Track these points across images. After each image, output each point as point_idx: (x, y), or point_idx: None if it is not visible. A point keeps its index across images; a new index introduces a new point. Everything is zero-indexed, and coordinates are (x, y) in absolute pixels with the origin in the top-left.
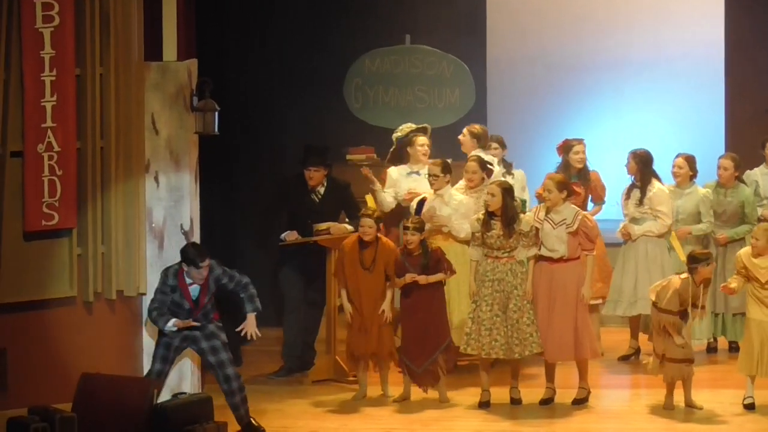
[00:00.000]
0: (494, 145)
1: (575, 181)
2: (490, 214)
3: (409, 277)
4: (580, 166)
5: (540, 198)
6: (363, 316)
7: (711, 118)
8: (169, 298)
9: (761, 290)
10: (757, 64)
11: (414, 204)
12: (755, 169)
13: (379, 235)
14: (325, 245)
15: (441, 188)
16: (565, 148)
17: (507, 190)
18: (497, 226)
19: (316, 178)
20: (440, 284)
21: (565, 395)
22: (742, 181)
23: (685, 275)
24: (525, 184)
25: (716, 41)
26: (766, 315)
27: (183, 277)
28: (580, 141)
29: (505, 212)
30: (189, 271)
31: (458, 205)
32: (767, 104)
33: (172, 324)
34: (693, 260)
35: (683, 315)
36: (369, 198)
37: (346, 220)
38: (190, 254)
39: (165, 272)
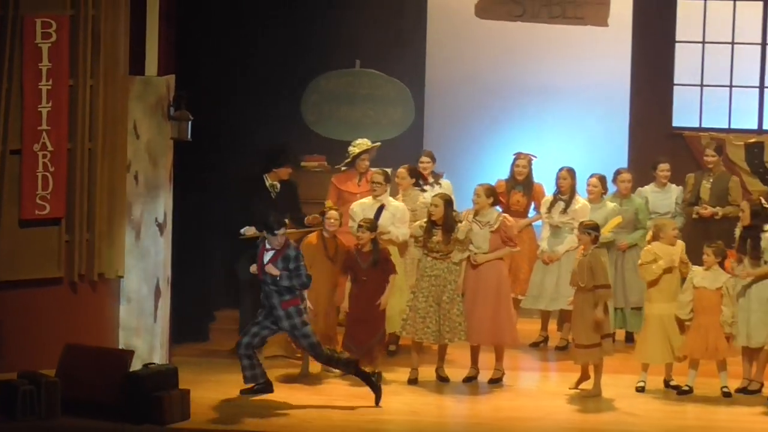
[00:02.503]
0: (426, 159)
1: (519, 190)
2: (432, 223)
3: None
4: (520, 178)
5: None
6: (318, 301)
7: (616, 141)
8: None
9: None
10: (657, 94)
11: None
12: (646, 186)
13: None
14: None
15: (381, 195)
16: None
17: (448, 202)
18: (438, 233)
19: (284, 174)
20: (385, 281)
21: (486, 375)
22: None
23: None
24: (451, 192)
25: (623, 73)
26: (663, 308)
27: (264, 244)
28: (523, 156)
29: (445, 221)
30: (268, 237)
31: (395, 210)
32: (665, 130)
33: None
34: (594, 229)
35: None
36: (328, 202)
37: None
38: (269, 222)
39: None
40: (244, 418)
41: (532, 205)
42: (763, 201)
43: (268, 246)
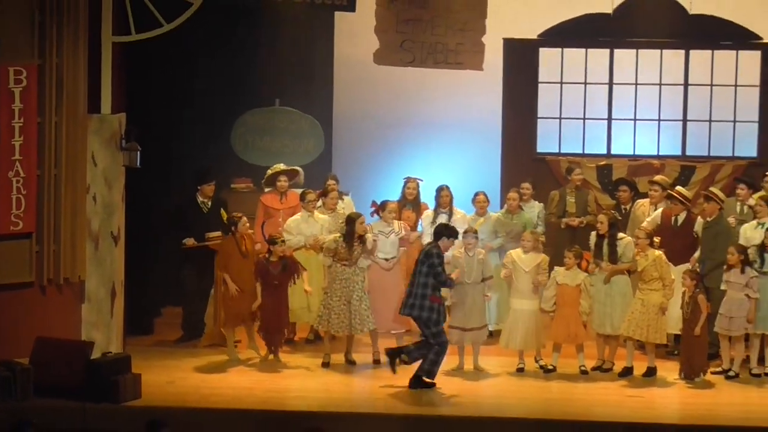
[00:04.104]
0: (332, 181)
1: (409, 208)
2: (344, 236)
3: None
4: (410, 198)
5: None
6: (241, 291)
7: (491, 165)
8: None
9: (518, 282)
10: (524, 126)
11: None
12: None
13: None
14: (213, 248)
15: (310, 210)
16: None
17: (350, 220)
18: (348, 245)
19: (209, 191)
20: (289, 283)
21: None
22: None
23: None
24: (353, 207)
25: (495, 109)
26: (520, 303)
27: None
28: (412, 180)
29: (349, 236)
30: (445, 242)
31: (323, 222)
32: (531, 155)
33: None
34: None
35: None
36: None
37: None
38: (449, 230)
39: (430, 251)
40: (185, 397)
41: (420, 221)
42: (616, 214)
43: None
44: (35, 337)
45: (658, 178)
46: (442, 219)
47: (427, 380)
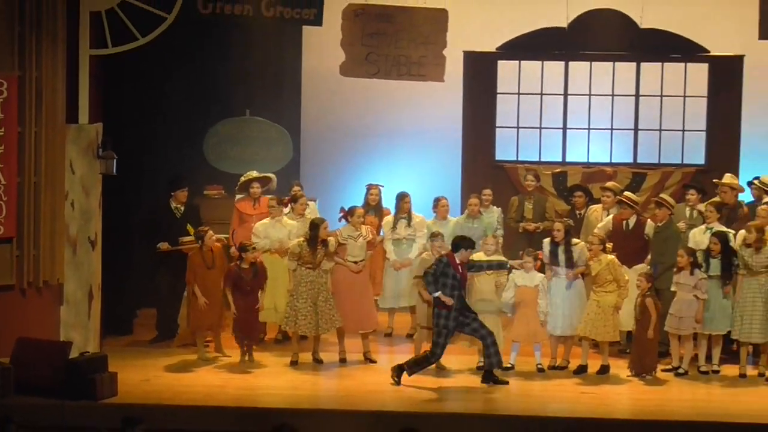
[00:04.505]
0: (297, 187)
1: (372, 214)
2: (307, 240)
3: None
4: (373, 204)
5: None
6: (209, 301)
7: (452, 172)
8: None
9: (481, 283)
10: (483, 134)
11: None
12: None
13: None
14: (186, 252)
15: (277, 216)
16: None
17: (314, 226)
18: (312, 249)
19: (182, 197)
20: (260, 288)
21: (355, 357)
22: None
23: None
24: (317, 212)
25: (456, 118)
26: (482, 304)
27: (454, 260)
28: (374, 186)
29: (312, 241)
30: (463, 253)
31: (291, 227)
32: (490, 162)
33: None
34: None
35: None
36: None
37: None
38: (467, 242)
39: (440, 260)
40: (160, 394)
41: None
42: (570, 221)
43: (457, 260)
44: (16, 337)
45: (609, 184)
46: (402, 224)
47: (399, 376)
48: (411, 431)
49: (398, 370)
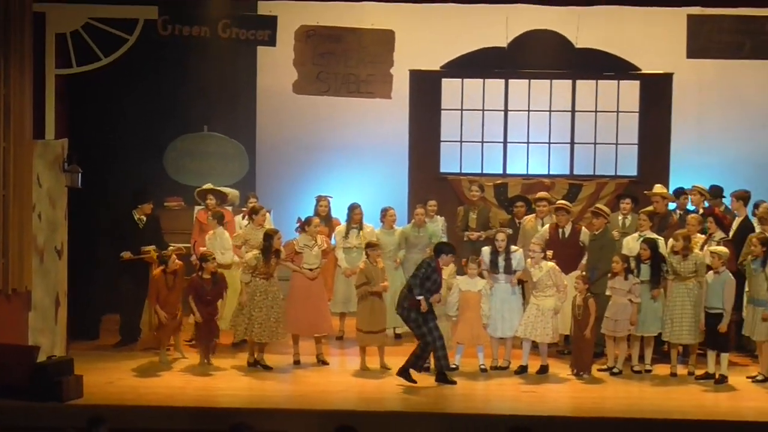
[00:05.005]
0: (252, 199)
1: (322, 224)
2: (262, 251)
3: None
4: (323, 214)
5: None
6: (168, 315)
7: (399, 183)
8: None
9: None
10: (428, 148)
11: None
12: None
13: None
14: (148, 261)
15: (214, 229)
16: (318, 201)
17: (267, 236)
18: (266, 259)
19: (147, 209)
20: (221, 296)
21: (310, 359)
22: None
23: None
24: (271, 222)
25: (403, 133)
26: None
27: (439, 264)
28: (323, 198)
29: (266, 251)
30: (445, 258)
31: (227, 241)
32: (435, 174)
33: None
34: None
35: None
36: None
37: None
38: (448, 248)
39: (429, 264)
40: (123, 395)
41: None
42: (509, 231)
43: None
44: None
45: (541, 194)
46: (354, 234)
47: (408, 377)
48: (348, 429)
49: (404, 373)
